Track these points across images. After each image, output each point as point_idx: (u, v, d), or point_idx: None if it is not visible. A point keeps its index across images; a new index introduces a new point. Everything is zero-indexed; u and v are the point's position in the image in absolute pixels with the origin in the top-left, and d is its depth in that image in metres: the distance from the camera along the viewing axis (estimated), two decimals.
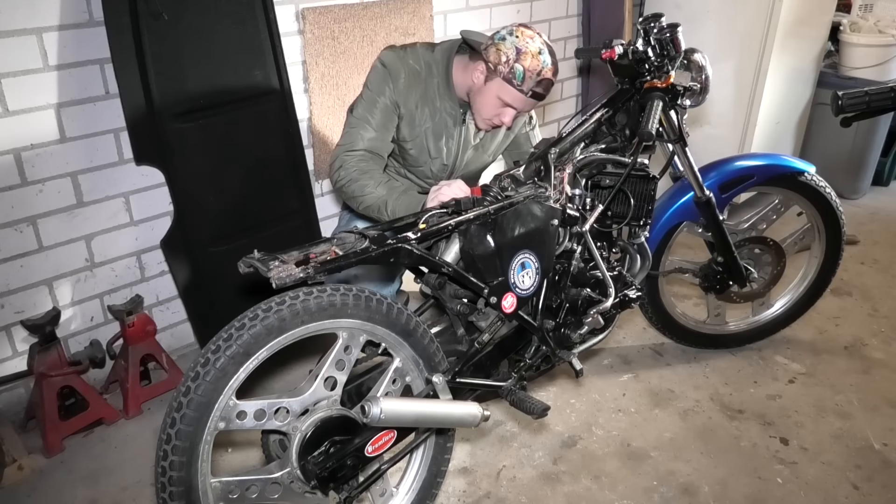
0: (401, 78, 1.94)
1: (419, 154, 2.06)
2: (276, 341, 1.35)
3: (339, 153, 1.95)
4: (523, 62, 1.82)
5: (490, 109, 1.93)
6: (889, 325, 2.70)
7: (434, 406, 1.54)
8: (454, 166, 2.13)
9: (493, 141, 2.16)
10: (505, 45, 1.83)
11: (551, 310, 1.87)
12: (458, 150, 2.10)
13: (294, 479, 1.44)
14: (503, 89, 1.87)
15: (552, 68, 1.86)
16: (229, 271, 1.47)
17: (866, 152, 3.73)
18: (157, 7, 1.91)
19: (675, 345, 2.57)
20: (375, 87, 1.96)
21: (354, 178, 1.90)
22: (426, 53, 2.00)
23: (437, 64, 1.99)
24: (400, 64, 1.95)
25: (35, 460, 2.07)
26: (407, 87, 1.96)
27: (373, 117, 1.95)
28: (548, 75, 1.85)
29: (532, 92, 1.86)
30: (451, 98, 2.01)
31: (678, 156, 2.05)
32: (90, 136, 2.13)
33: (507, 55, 1.83)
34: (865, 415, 2.23)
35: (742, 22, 3.15)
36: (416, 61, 1.97)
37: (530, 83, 1.84)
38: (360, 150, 1.93)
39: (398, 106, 1.97)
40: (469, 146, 2.11)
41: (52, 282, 2.18)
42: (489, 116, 1.95)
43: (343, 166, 1.92)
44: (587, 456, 2.08)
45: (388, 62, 1.95)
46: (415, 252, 1.49)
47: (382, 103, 1.95)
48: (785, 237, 2.42)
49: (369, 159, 1.94)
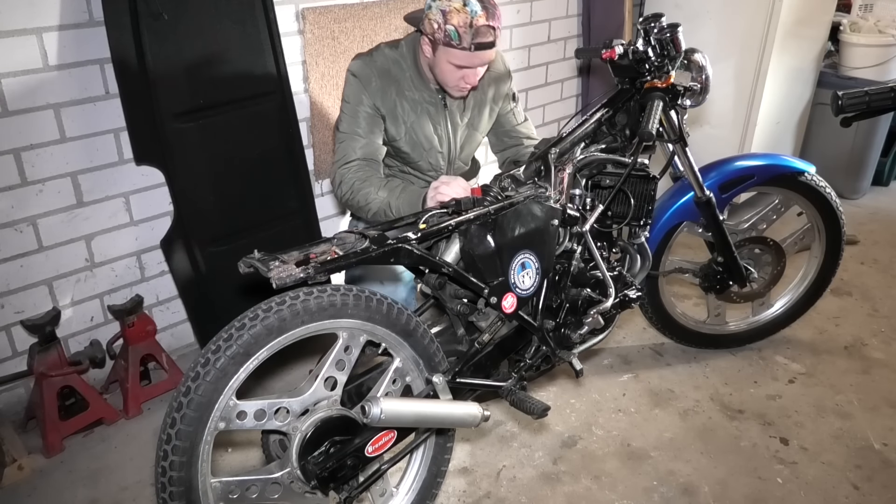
0: (372, 82, 1.96)
1: (412, 149, 2.07)
2: (277, 341, 1.35)
3: (336, 170, 1.98)
4: (452, 21, 1.78)
5: (450, 77, 1.91)
6: (889, 325, 2.70)
7: (434, 406, 1.54)
8: (451, 151, 2.13)
9: (480, 117, 2.15)
10: (432, 13, 1.82)
11: (551, 310, 1.87)
12: (449, 134, 2.10)
13: (294, 479, 1.44)
14: (449, 54, 1.84)
15: (483, 13, 1.78)
16: (229, 271, 1.47)
17: (866, 152, 3.73)
18: (157, 7, 1.91)
19: (675, 345, 2.57)
20: (352, 98, 1.98)
21: (356, 188, 1.92)
22: (391, 51, 2.01)
23: (405, 58, 2.00)
24: (368, 69, 1.97)
25: (35, 460, 2.07)
26: (381, 89, 1.97)
27: (358, 126, 1.98)
28: (481, 22, 1.78)
29: (474, 45, 1.81)
30: (426, 87, 2.02)
31: (678, 156, 2.05)
32: (90, 136, 2.13)
33: (437, 21, 1.81)
34: (865, 415, 2.23)
35: (742, 22, 3.15)
36: (383, 61, 1.99)
37: (468, 38, 1.79)
38: (354, 161, 1.96)
39: (378, 108, 1.98)
40: (458, 127, 2.11)
41: (52, 282, 2.18)
42: (454, 83, 1.93)
43: (343, 181, 1.95)
44: (587, 456, 2.08)
45: (357, 70, 1.98)
46: (415, 252, 1.49)
47: (363, 111, 1.97)
48: (785, 237, 2.42)
49: (365, 167, 1.96)
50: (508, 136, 2.25)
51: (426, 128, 2.05)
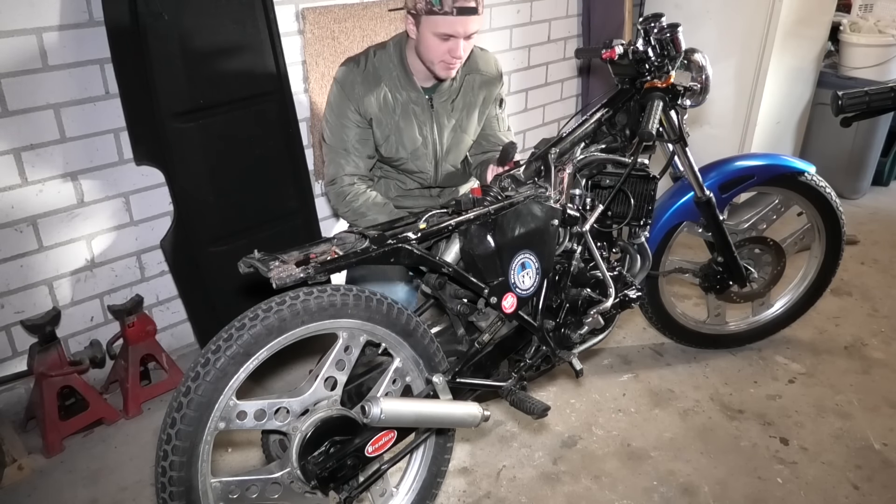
0: (355, 88, 1.96)
1: (397, 151, 2.07)
2: (277, 341, 1.35)
3: (329, 190, 2.05)
4: None
5: (437, 51, 1.87)
6: (889, 325, 2.70)
7: (434, 406, 1.54)
8: (437, 153, 2.12)
9: (469, 120, 2.14)
10: None
11: (551, 310, 1.87)
12: (435, 136, 2.09)
13: (294, 479, 1.44)
14: (432, 23, 1.82)
15: None
16: (229, 271, 1.47)
17: (866, 152, 3.73)
18: (157, 7, 1.91)
19: (675, 345, 2.57)
20: (336, 107, 1.99)
21: (358, 213, 1.99)
22: (378, 52, 2.01)
23: (391, 57, 2.00)
24: (353, 75, 1.97)
25: (35, 460, 2.07)
26: (364, 94, 1.97)
27: (345, 140, 2.00)
28: None
29: (457, 9, 1.79)
30: (414, 87, 2.02)
31: (678, 156, 2.05)
32: (90, 136, 2.13)
33: None
34: (865, 415, 2.23)
35: (742, 22, 3.15)
36: (369, 64, 1.99)
37: (449, 2, 1.78)
38: (345, 182, 2.01)
39: (363, 116, 1.99)
40: (445, 129, 2.10)
41: (52, 282, 2.18)
42: (441, 58, 1.89)
43: (337, 202, 2.04)
44: (587, 456, 2.08)
45: (340, 77, 1.99)
46: (415, 252, 1.49)
47: (349, 123, 1.99)
48: (785, 237, 2.42)
49: (357, 186, 2.01)
50: (487, 140, 2.23)
51: (411, 129, 2.05)
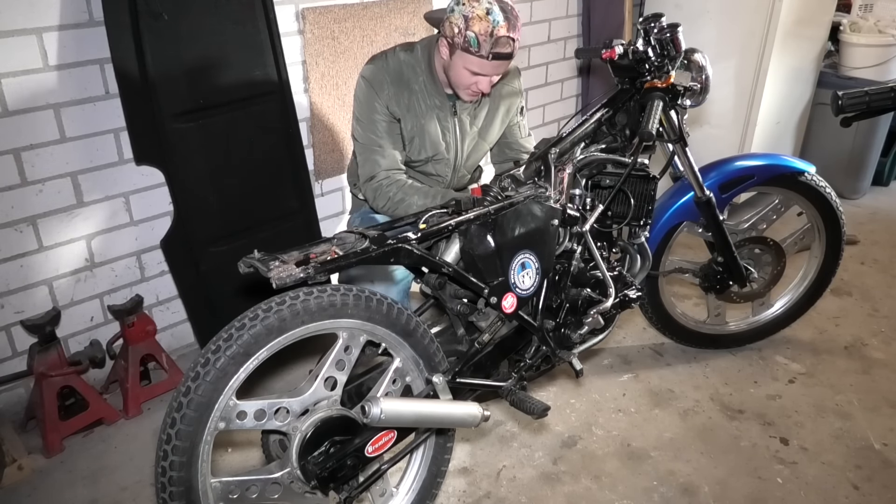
0: (385, 87, 1.97)
1: (418, 154, 2.07)
2: (277, 341, 1.35)
3: (367, 188, 2.04)
4: (473, 28, 1.79)
5: (463, 81, 1.92)
6: (889, 325, 2.70)
7: (434, 406, 1.54)
8: (457, 158, 2.13)
9: (491, 128, 2.16)
10: (454, 17, 1.82)
11: (551, 310, 1.87)
12: (457, 142, 2.10)
13: (294, 479, 1.44)
14: (465, 59, 1.85)
15: (505, 24, 1.79)
16: (229, 271, 1.47)
17: (866, 152, 3.73)
18: (157, 7, 1.91)
19: (675, 345, 2.57)
20: (366, 104, 1.99)
21: (395, 200, 1.97)
22: (406, 55, 2.01)
23: (419, 62, 2.00)
24: (381, 74, 1.97)
25: (35, 460, 2.07)
26: (394, 94, 1.98)
27: (377, 135, 1.99)
28: (501, 33, 1.79)
29: (492, 54, 1.82)
30: (439, 93, 2.02)
31: (678, 156, 2.05)
32: (90, 136, 2.12)
33: (458, 25, 1.81)
34: (865, 415, 2.23)
35: (742, 22, 3.15)
36: (396, 65, 1.99)
37: (487, 46, 1.80)
38: (381, 176, 1.99)
39: (392, 113, 1.99)
40: (467, 135, 2.12)
41: (52, 282, 2.18)
42: (465, 87, 1.94)
43: (376, 198, 2.01)
44: (587, 456, 2.08)
45: (369, 76, 1.98)
46: (415, 252, 1.49)
47: (379, 117, 1.99)
48: (785, 237, 2.42)
49: (395, 176, 2.00)
50: (510, 147, 2.26)
51: (434, 134, 2.05)
